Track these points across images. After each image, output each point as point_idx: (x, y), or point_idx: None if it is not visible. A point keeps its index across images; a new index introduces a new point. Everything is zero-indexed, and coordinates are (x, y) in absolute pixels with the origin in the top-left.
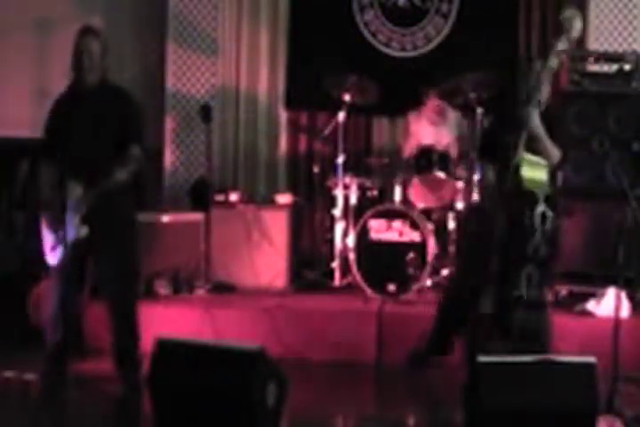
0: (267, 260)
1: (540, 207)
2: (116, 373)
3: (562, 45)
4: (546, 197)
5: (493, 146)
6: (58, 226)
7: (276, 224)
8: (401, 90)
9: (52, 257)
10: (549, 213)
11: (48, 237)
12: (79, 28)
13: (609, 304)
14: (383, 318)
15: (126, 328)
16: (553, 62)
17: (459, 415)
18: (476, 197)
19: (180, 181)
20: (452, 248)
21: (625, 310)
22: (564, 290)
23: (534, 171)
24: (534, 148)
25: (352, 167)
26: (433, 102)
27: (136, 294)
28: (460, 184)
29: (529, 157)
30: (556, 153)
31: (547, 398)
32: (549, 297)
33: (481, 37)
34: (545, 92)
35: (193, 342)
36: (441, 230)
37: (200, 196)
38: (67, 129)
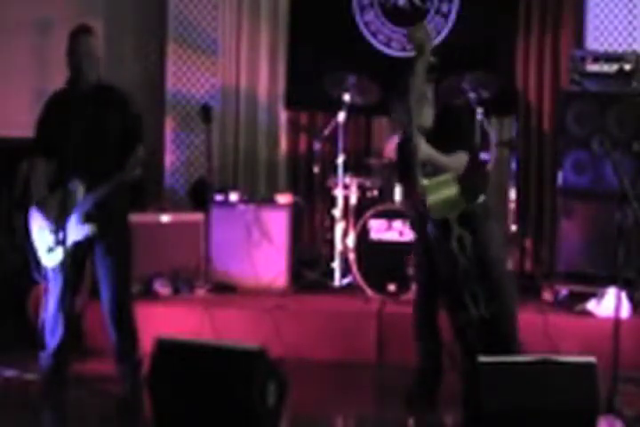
0: (267, 260)
1: (455, 232)
2: (116, 373)
3: (421, 68)
4: (459, 218)
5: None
6: (57, 227)
7: (276, 224)
8: None
9: (50, 259)
10: (466, 235)
11: (42, 239)
12: (73, 28)
13: (609, 304)
14: (383, 318)
15: (124, 328)
16: (421, 87)
17: (459, 415)
18: None
19: (180, 181)
20: None
21: (625, 310)
22: (564, 290)
23: (441, 191)
24: (434, 169)
25: (352, 167)
26: None
27: (131, 295)
28: None
29: (430, 180)
30: (458, 163)
31: (547, 398)
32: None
33: (481, 37)
34: (428, 115)
35: (193, 342)
36: None
37: (200, 196)
38: (64, 129)
